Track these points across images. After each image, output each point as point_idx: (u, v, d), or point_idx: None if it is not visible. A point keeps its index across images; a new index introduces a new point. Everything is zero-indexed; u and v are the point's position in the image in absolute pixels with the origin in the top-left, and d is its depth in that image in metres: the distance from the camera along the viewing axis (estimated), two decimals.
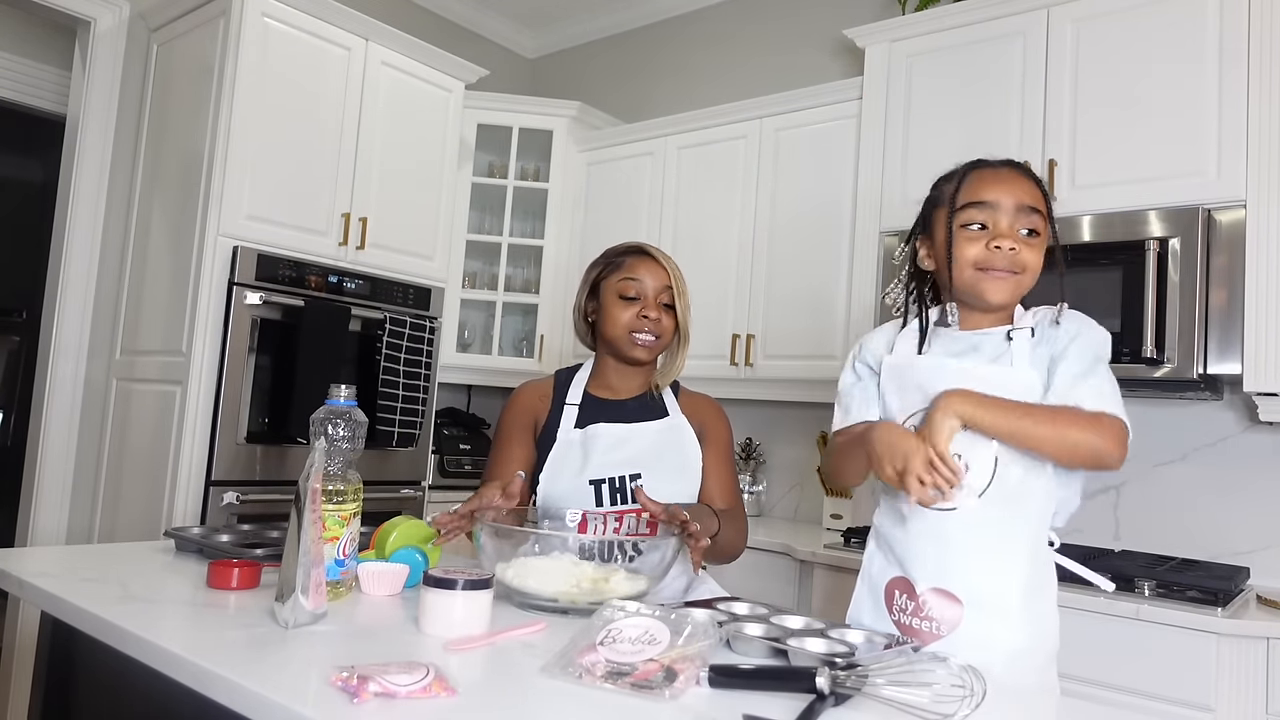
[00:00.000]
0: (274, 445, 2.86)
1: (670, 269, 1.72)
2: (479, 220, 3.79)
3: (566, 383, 1.78)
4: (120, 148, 3.14)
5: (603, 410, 1.73)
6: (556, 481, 1.67)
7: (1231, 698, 1.86)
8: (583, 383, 1.77)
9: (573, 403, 1.74)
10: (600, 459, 1.66)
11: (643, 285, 1.70)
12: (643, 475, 1.64)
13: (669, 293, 1.71)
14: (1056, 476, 1.29)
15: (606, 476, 1.64)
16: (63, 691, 1.45)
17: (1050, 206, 1.33)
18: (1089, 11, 2.46)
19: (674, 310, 1.72)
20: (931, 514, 1.29)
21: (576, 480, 1.65)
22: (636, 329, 1.68)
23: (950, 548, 1.28)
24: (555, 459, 1.68)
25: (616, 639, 1.06)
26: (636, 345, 1.69)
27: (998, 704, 1.01)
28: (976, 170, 1.34)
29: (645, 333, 1.68)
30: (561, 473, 1.67)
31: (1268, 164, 2.15)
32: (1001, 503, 1.27)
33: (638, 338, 1.69)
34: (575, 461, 1.67)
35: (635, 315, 1.69)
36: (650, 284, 1.70)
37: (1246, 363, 2.14)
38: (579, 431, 1.70)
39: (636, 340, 1.69)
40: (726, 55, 3.84)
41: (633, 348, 1.69)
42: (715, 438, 1.75)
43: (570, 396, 1.75)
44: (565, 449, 1.69)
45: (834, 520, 3.00)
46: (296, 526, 1.15)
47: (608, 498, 1.64)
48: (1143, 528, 2.54)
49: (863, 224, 2.87)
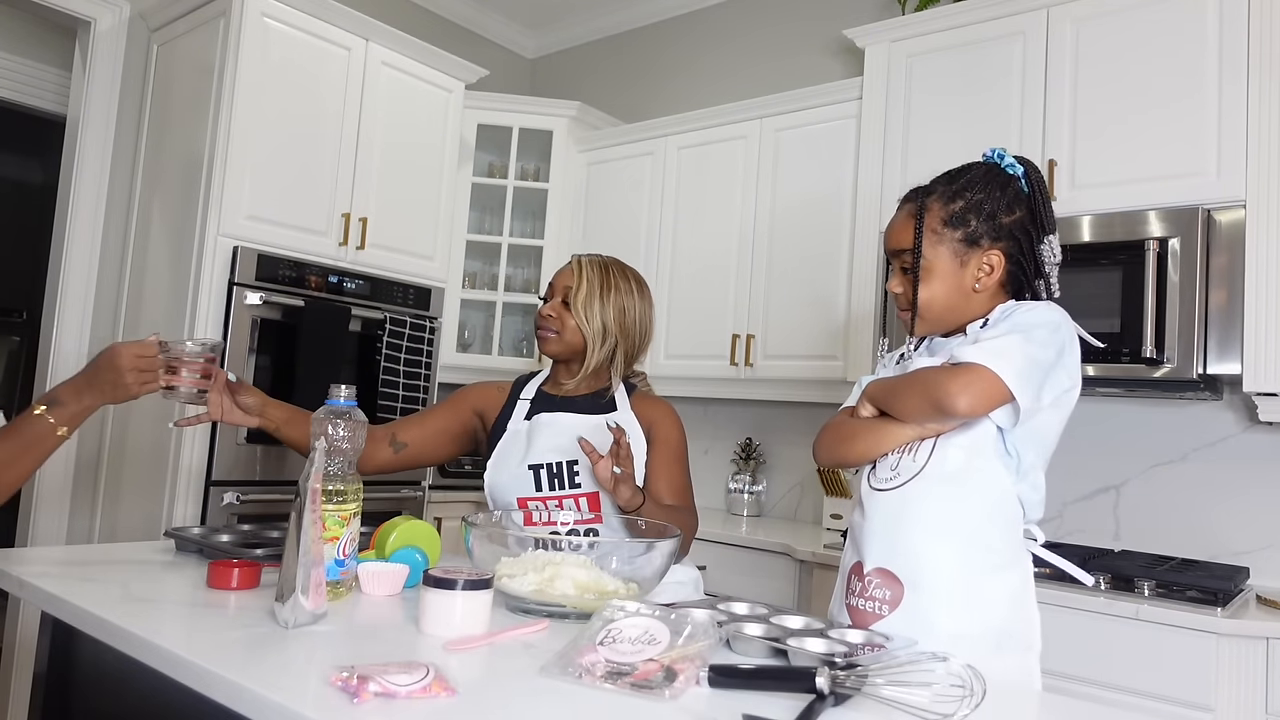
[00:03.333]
0: (274, 445, 2.85)
1: (582, 271, 1.78)
2: (479, 220, 3.79)
3: (524, 383, 1.87)
4: (120, 148, 3.14)
5: (551, 404, 1.80)
6: (500, 470, 1.74)
7: (1231, 698, 1.86)
8: (538, 383, 1.86)
9: (525, 398, 1.82)
10: (541, 445, 1.72)
11: (554, 285, 1.81)
12: (579, 462, 1.68)
13: (570, 290, 1.77)
14: (1003, 463, 1.29)
15: (545, 462, 1.70)
16: (63, 691, 1.45)
17: (919, 245, 1.34)
18: (1089, 11, 2.46)
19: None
20: (879, 495, 1.34)
21: (518, 468, 1.71)
22: (539, 323, 1.80)
23: (892, 528, 1.32)
24: (502, 448, 1.76)
25: (616, 639, 1.06)
26: (540, 339, 1.81)
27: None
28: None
29: (542, 326, 1.79)
30: (506, 461, 1.74)
31: (1268, 164, 2.15)
32: (940, 483, 1.29)
33: (539, 332, 1.81)
34: (519, 450, 1.74)
35: (539, 311, 1.81)
36: (559, 283, 1.80)
37: (1246, 363, 2.14)
38: (526, 422, 1.77)
39: (538, 334, 1.81)
40: (726, 55, 3.84)
41: (540, 342, 1.81)
42: (663, 438, 1.77)
43: (524, 393, 1.84)
44: (512, 439, 1.76)
45: (834, 520, 3.00)
46: (296, 526, 1.15)
47: (546, 483, 1.69)
48: (1143, 528, 2.55)
49: (863, 224, 2.87)
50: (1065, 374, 1.28)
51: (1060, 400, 1.29)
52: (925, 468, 1.30)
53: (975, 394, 1.21)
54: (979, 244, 1.33)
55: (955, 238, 1.33)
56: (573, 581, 1.28)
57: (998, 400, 1.22)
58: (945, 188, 1.37)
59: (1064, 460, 2.58)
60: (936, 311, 1.36)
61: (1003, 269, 1.34)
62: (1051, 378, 1.26)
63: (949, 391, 1.22)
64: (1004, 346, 1.23)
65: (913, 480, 1.31)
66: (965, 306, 1.36)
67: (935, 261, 1.34)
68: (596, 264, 1.80)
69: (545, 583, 1.28)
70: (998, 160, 1.37)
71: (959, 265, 1.34)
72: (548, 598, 1.26)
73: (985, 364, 1.21)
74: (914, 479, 1.31)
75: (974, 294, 1.35)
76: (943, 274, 1.34)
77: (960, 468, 1.29)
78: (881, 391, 1.36)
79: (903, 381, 1.34)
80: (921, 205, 1.36)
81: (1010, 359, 1.21)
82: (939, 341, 1.41)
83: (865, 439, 1.37)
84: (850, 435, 1.39)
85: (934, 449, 1.30)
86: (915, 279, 1.35)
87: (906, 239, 1.36)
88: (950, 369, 1.26)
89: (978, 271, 1.34)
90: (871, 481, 1.37)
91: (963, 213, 1.33)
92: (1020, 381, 1.21)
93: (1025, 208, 1.34)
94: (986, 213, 1.33)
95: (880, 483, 1.35)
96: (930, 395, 1.25)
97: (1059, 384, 1.27)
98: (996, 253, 1.33)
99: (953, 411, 1.23)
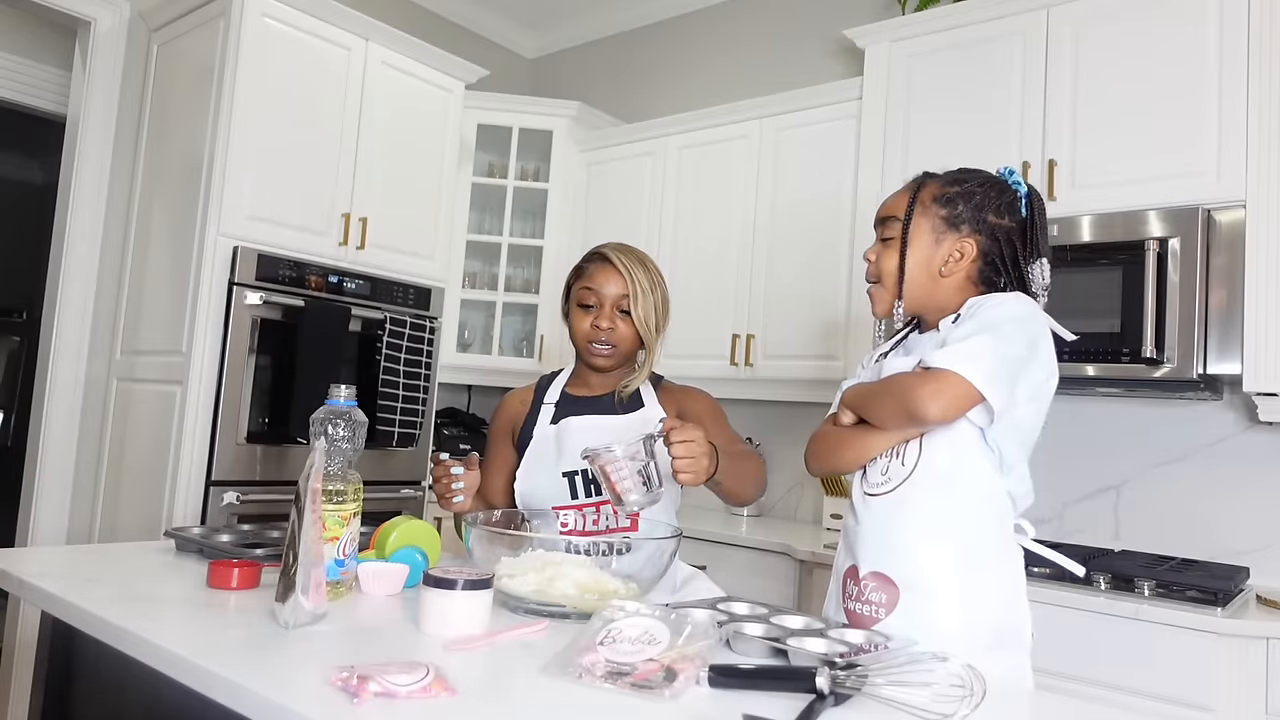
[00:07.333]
0: (274, 445, 2.86)
1: (630, 274, 1.69)
2: (479, 220, 3.79)
3: (547, 385, 1.82)
4: (120, 148, 3.14)
5: (577, 406, 1.75)
6: (532, 477, 1.70)
7: (1231, 698, 1.86)
8: (562, 383, 1.81)
9: (550, 402, 1.77)
10: (574, 451, 1.66)
11: (599, 293, 1.70)
12: None
13: (626, 300, 1.69)
14: (987, 460, 1.29)
15: (580, 468, 1.65)
16: (63, 691, 1.45)
17: (910, 214, 1.37)
18: (1089, 12, 2.46)
19: (631, 316, 1.70)
20: (872, 500, 1.34)
21: (551, 474, 1.67)
22: (593, 338, 1.70)
23: (885, 532, 1.32)
24: (531, 455, 1.72)
25: (616, 639, 1.06)
26: (594, 355, 1.71)
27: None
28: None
29: (600, 342, 1.69)
30: (537, 468, 1.70)
31: (1268, 164, 2.15)
32: (930, 485, 1.29)
33: (593, 347, 1.71)
34: (550, 456, 1.70)
35: (591, 324, 1.70)
36: (607, 291, 1.70)
37: (1246, 363, 2.14)
38: (553, 427, 1.73)
39: (593, 350, 1.71)
40: (726, 55, 3.84)
41: (591, 356, 1.72)
42: (698, 412, 1.71)
43: (548, 397, 1.79)
44: (540, 445, 1.72)
45: (833, 520, 3.00)
46: (296, 526, 1.15)
47: (582, 490, 1.65)
48: (1143, 528, 2.54)
49: (863, 224, 2.87)
50: (1039, 366, 1.28)
51: (1037, 393, 1.29)
52: (914, 472, 1.31)
53: (946, 400, 1.21)
54: (958, 228, 1.36)
55: (939, 214, 1.37)
56: (573, 581, 1.28)
57: (968, 404, 1.23)
58: (949, 174, 1.41)
59: (1064, 460, 2.61)
60: (899, 283, 1.37)
61: (973, 261, 1.36)
62: (1025, 372, 1.26)
63: (919, 399, 1.23)
64: (972, 349, 1.23)
65: (903, 484, 1.31)
66: (930, 288, 1.37)
67: (914, 233, 1.37)
68: (635, 262, 1.72)
69: (545, 583, 1.28)
70: (1006, 176, 1.40)
71: (934, 242, 1.36)
72: (548, 598, 1.26)
73: (953, 368, 1.21)
74: (904, 483, 1.31)
75: (940, 278, 1.36)
76: (916, 246, 1.37)
77: (948, 468, 1.29)
78: (858, 399, 1.37)
79: (877, 389, 1.34)
80: (921, 181, 1.41)
81: (979, 360, 1.21)
82: (914, 339, 1.42)
83: (851, 447, 1.38)
84: (837, 445, 1.40)
85: (921, 451, 1.31)
86: (903, 248, 1.37)
87: (895, 208, 1.41)
88: (920, 375, 1.26)
89: (949, 255, 1.36)
90: (864, 487, 1.38)
91: (954, 196, 1.37)
92: (990, 382, 1.21)
93: (1016, 221, 1.37)
94: (975, 204, 1.36)
95: (872, 487, 1.36)
96: (902, 403, 1.26)
97: (1033, 377, 1.28)
98: (971, 242, 1.35)
99: (925, 419, 1.24)
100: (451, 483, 1.59)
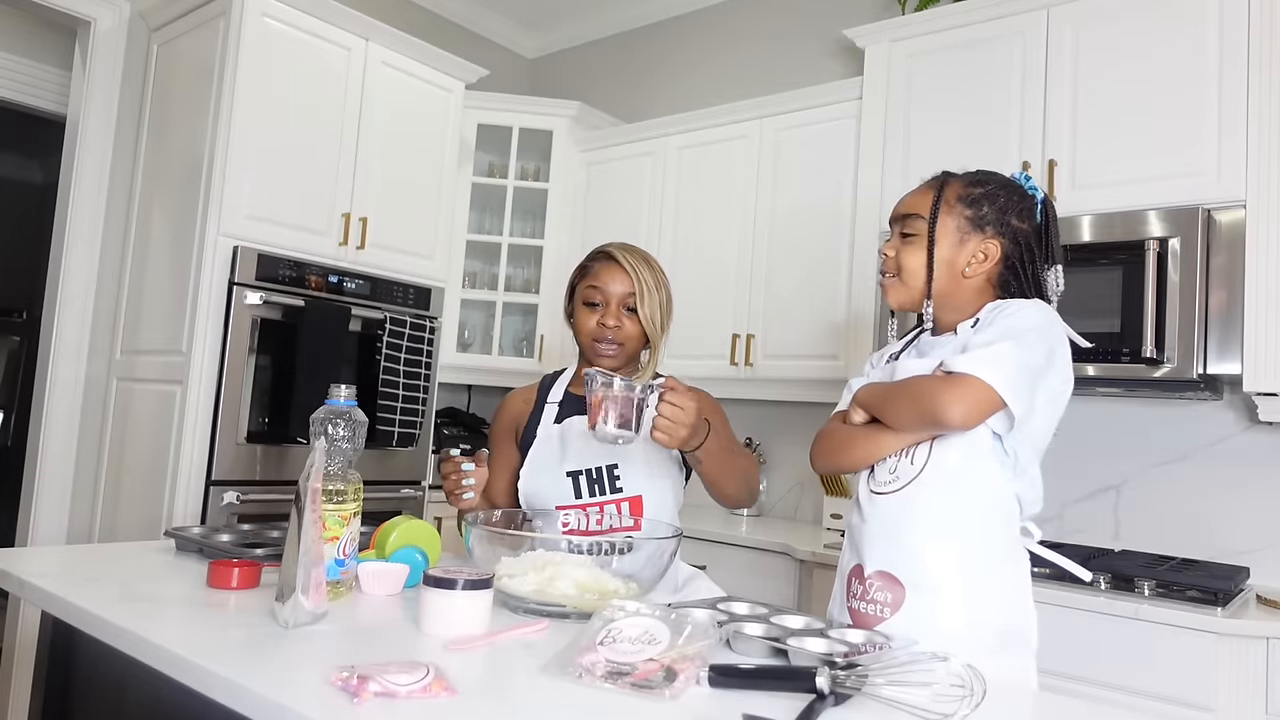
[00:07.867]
0: (274, 445, 2.86)
1: (635, 273, 1.69)
2: (479, 220, 3.79)
3: (550, 384, 1.82)
4: (120, 148, 3.14)
5: (581, 405, 1.73)
6: (536, 476, 1.70)
7: (1231, 698, 1.86)
8: (565, 383, 1.81)
9: (554, 402, 1.78)
10: (577, 450, 1.68)
11: (605, 291, 1.70)
12: (619, 465, 1.66)
13: (633, 298, 1.69)
14: (999, 462, 1.29)
15: (584, 467, 1.66)
16: (63, 691, 1.45)
17: (936, 212, 1.37)
18: (1089, 12, 2.46)
19: (637, 314, 1.70)
20: (879, 498, 1.34)
21: (555, 473, 1.68)
22: (599, 336, 1.70)
23: (892, 531, 1.32)
24: (535, 454, 1.72)
25: (616, 639, 1.06)
26: (600, 353, 1.70)
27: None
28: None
29: (606, 341, 1.69)
30: (540, 467, 1.70)
31: (1268, 164, 2.15)
32: (938, 485, 1.29)
33: (599, 346, 1.70)
34: (554, 455, 1.70)
35: (597, 323, 1.70)
36: (613, 290, 1.69)
37: (1246, 363, 2.14)
38: (557, 426, 1.73)
39: (599, 348, 1.70)
40: (726, 55, 3.84)
41: (597, 355, 1.71)
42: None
43: (552, 396, 1.79)
44: (544, 444, 1.72)
45: (834, 520, 3.00)
46: (296, 526, 1.15)
47: (585, 489, 1.66)
48: (1143, 528, 2.54)
49: (863, 224, 2.87)
50: (1056, 375, 1.29)
51: (1053, 400, 1.30)
52: (924, 471, 1.30)
53: (969, 406, 1.21)
54: (983, 229, 1.36)
55: (965, 214, 1.37)
56: (573, 581, 1.28)
57: (991, 410, 1.23)
58: (970, 175, 1.41)
59: (1064, 460, 2.61)
60: (920, 282, 1.37)
61: (996, 263, 1.36)
62: (1044, 381, 1.27)
63: (942, 404, 1.22)
64: (995, 355, 1.23)
65: (912, 483, 1.31)
66: (951, 289, 1.37)
67: (939, 232, 1.37)
68: (640, 261, 1.72)
69: (545, 583, 1.28)
70: (1023, 181, 1.41)
71: (959, 241, 1.36)
72: (548, 598, 1.26)
73: (977, 374, 1.21)
74: (913, 482, 1.31)
75: (963, 279, 1.36)
76: (941, 245, 1.37)
77: (958, 469, 1.29)
78: (874, 398, 1.37)
79: (895, 390, 1.33)
80: (944, 180, 1.41)
81: (1002, 367, 1.21)
82: (928, 341, 1.41)
83: (861, 447, 1.37)
84: (846, 443, 1.40)
85: (931, 452, 1.31)
86: (930, 245, 1.36)
87: (918, 205, 1.40)
88: (942, 379, 1.26)
89: (972, 256, 1.36)
90: (871, 485, 1.37)
91: (980, 197, 1.37)
92: (1013, 390, 1.21)
93: (1033, 226, 1.38)
94: (1000, 205, 1.37)
95: (880, 486, 1.35)
96: (923, 407, 1.26)
97: (1051, 386, 1.28)
98: (996, 244, 1.36)
99: (947, 424, 1.24)
100: (461, 479, 1.60)
